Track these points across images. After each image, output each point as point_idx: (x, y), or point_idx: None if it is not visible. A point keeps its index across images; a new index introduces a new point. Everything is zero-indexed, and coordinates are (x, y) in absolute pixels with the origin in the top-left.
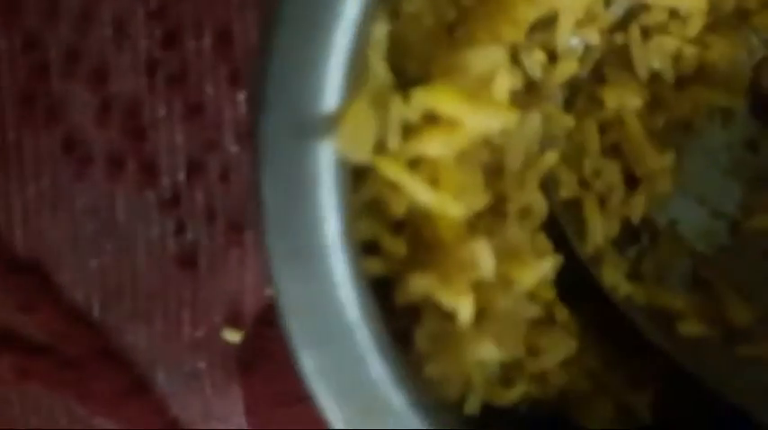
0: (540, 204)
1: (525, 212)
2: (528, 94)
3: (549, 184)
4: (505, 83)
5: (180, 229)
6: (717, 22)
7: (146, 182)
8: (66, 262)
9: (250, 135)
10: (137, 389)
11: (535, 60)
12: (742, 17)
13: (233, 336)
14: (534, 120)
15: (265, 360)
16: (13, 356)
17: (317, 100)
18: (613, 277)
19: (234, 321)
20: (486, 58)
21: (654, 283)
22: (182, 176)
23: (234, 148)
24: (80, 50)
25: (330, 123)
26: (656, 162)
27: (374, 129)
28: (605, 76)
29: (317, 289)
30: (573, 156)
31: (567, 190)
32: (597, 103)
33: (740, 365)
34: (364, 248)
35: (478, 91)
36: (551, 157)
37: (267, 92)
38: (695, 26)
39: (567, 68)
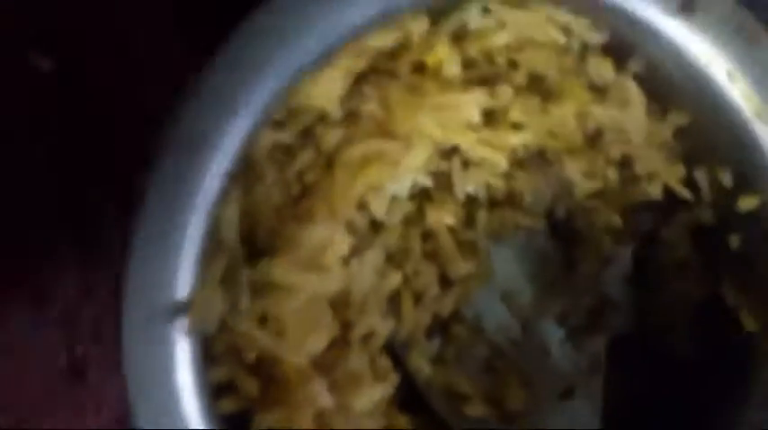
0: (381, 326)
1: (369, 336)
2: (373, 230)
3: None
4: (340, 246)
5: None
6: (523, 160)
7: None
8: None
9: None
10: None
11: (378, 206)
12: (544, 158)
13: None
14: (375, 255)
15: None
16: None
17: (172, 288)
18: (418, 361)
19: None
20: (319, 233)
21: (452, 368)
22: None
23: None
24: None
25: (183, 308)
26: (463, 268)
27: (220, 305)
28: (431, 195)
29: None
30: (398, 259)
31: (392, 286)
32: (422, 216)
33: None
34: (223, 388)
35: (315, 260)
36: (394, 280)
37: (128, 284)
38: (500, 168)
39: (402, 208)
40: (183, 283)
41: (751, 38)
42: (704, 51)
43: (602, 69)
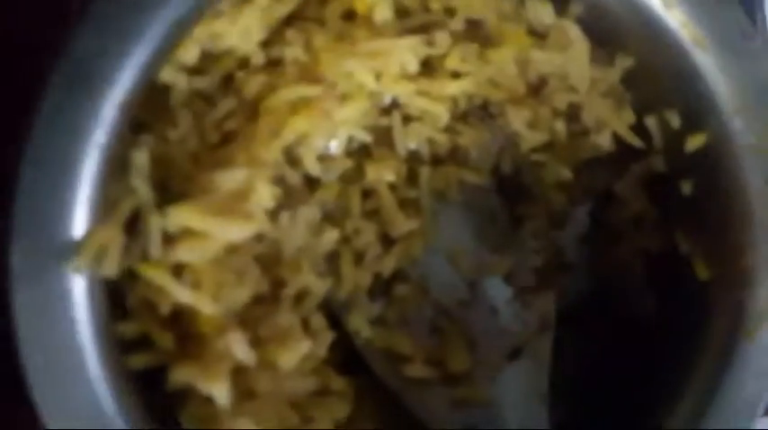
0: (316, 285)
1: (302, 294)
2: (308, 187)
3: None
4: (263, 195)
5: None
6: (466, 114)
7: None
8: None
9: None
10: None
11: (311, 160)
12: (487, 112)
13: None
14: (310, 212)
15: None
16: None
17: (64, 226)
18: (358, 322)
19: None
20: (234, 178)
21: (395, 329)
22: None
23: None
24: None
25: (77, 247)
26: (405, 226)
27: (119, 247)
28: (371, 151)
29: (72, 390)
30: (337, 217)
31: (329, 245)
32: (362, 173)
33: (456, 408)
34: (136, 342)
35: (232, 206)
36: (331, 237)
37: (15, 220)
38: (442, 121)
39: (340, 164)
40: (80, 225)
41: None
42: None
43: (542, 13)
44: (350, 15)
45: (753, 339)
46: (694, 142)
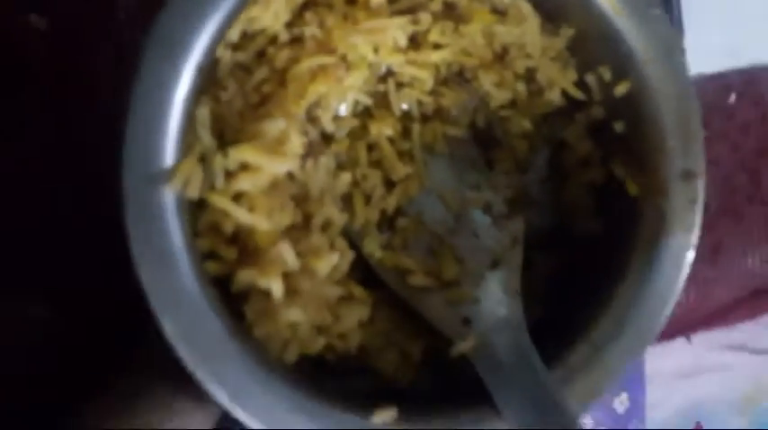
0: (337, 216)
1: (327, 223)
2: (324, 142)
3: None
4: (295, 142)
5: None
6: (447, 80)
7: None
8: None
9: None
10: None
11: (327, 119)
12: (463, 77)
13: None
14: (328, 160)
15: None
16: None
17: (160, 159)
18: (371, 247)
19: None
20: (278, 126)
21: (399, 252)
22: None
23: None
24: None
25: (170, 174)
26: (403, 171)
27: (200, 176)
28: (372, 112)
29: (171, 284)
30: (348, 166)
31: (344, 187)
32: (366, 130)
33: (451, 305)
34: (208, 255)
35: (275, 147)
36: (345, 180)
37: (125, 156)
38: (427, 85)
39: (348, 123)
40: (170, 157)
41: None
42: None
43: None
44: (352, 1)
45: (671, 235)
46: (621, 88)
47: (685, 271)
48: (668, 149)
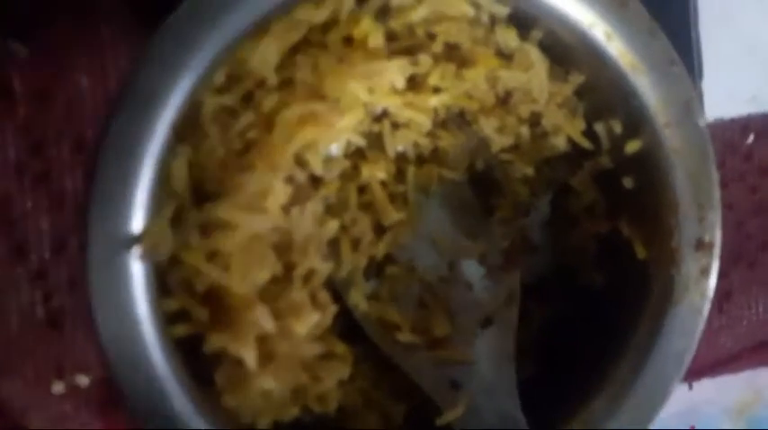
0: (321, 267)
1: (310, 274)
2: (313, 184)
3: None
4: (278, 195)
5: (47, 298)
6: (446, 121)
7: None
8: None
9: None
10: None
11: (316, 162)
12: (463, 118)
13: (82, 381)
14: (315, 206)
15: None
16: None
17: (128, 221)
18: (357, 298)
19: (87, 370)
20: (259, 181)
21: (387, 304)
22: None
23: None
24: None
25: (137, 239)
26: (394, 217)
27: (170, 239)
28: (366, 154)
29: (135, 356)
30: (337, 209)
31: (331, 233)
32: (358, 172)
33: (439, 366)
34: (179, 314)
35: (255, 203)
36: (333, 227)
37: (91, 219)
38: (425, 128)
39: (340, 164)
40: (138, 220)
41: (621, 2)
42: (585, 16)
43: (508, 38)
44: (349, 40)
45: (679, 305)
46: (632, 146)
47: (694, 344)
48: (681, 216)
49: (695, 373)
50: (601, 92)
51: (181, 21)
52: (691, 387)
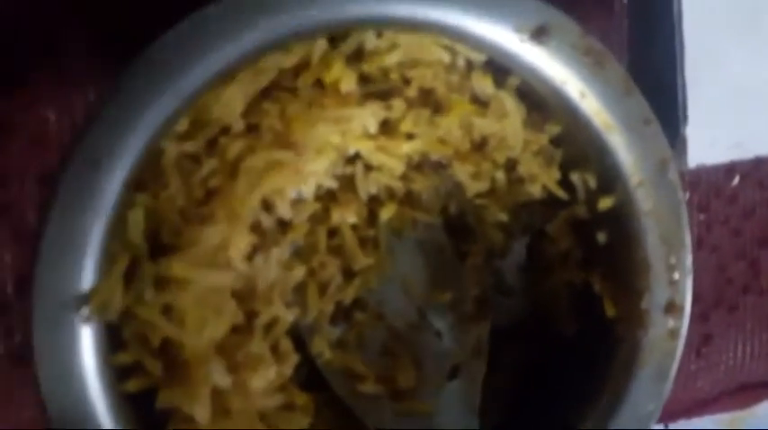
0: (285, 314)
1: (272, 323)
2: (280, 228)
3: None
4: (238, 247)
5: (8, 333)
6: (420, 164)
7: None
8: None
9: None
10: None
11: (284, 207)
12: (438, 162)
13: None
14: (281, 251)
15: None
16: None
17: (76, 280)
18: (321, 345)
19: None
20: (217, 234)
21: (352, 352)
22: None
23: None
24: None
25: (85, 299)
26: (364, 261)
27: (120, 298)
28: (337, 196)
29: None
30: (305, 252)
31: (297, 278)
32: (328, 214)
33: (401, 418)
34: (132, 367)
35: (213, 257)
36: (299, 273)
37: (37, 280)
38: (398, 171)
39: (309, 208)
40: (87, 278)
41: (598, 61)
42: (559, 73)
43: (484, 85)
44: (319, 84)
45: (647, 368)
46: (605, 203)
47: (660, 407)
48: (652, 278)
49: (670, 415)
50: (576, 144)
51: (139, 72)
52: (666, 427)
